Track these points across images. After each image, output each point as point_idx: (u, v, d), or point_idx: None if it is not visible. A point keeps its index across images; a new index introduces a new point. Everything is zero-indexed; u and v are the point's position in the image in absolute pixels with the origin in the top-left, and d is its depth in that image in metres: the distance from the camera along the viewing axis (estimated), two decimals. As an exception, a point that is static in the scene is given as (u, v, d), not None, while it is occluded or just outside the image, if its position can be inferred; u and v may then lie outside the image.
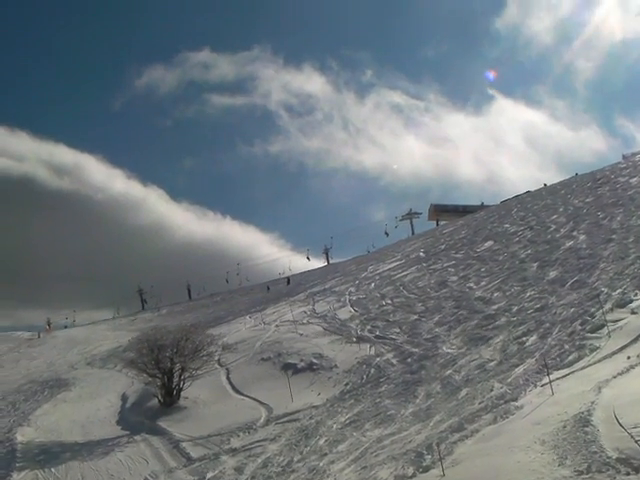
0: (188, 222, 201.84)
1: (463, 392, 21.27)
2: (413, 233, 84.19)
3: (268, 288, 71.07)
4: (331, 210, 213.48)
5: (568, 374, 18.98)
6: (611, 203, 43.85)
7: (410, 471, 14.59)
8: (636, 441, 11.01)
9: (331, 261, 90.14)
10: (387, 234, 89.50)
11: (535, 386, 18.58)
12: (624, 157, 66.12)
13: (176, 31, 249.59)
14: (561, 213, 46.92)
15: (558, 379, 18.53)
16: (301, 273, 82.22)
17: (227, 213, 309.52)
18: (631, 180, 49.31)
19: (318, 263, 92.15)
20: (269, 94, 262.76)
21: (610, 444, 11.39)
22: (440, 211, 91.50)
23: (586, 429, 12.44)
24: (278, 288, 69.28)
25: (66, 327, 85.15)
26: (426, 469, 14.37)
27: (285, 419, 24.52)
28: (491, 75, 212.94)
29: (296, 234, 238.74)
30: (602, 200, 46.08)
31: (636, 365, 17.33)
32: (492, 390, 20.06)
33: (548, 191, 60.80)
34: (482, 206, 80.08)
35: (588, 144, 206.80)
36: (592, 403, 13.97)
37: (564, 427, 13.09)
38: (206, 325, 51.15)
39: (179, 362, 30.45)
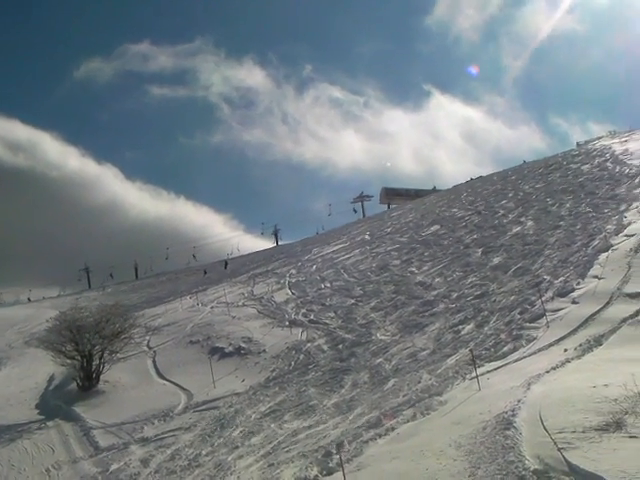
0: (142, 201, 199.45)
1: (390, 383, 20.05)
2: (364, 216, 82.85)
3: (205, 272, 69.35)
4: (277, 197, 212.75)
5: (500, 366, 17.77)
6: (561, 190, 42.94)
7: (313, 473, 13.17)
8: (559, 449, 9.52)
9: (280, 242, 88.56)
10: (329, 215, 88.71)
11: (464, 379, 17.21)
12: (578, 145, 65.32)
13: (116, 24, 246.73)
14: (510, 198, 45.90)
15: (489, 372, 17.35)
16: (249, 254, 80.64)
17: (181, 193, 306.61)
18: (582, 167, 48.48)
19: (268, 244, 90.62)
20: (210, 86, 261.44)
21: (531, 451, 9.96)
22: (392, 195, 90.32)
23: (507, 432, 10.99)
24: (220, 270, 67.63)
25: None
26: (330, 471, 12.97)
27: (204, 407, 23.11)
28: (474, 70, 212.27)
29: (249, 216, 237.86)
30: (552, 186, 45.18)
31: (572, 359, 16.07)
32: (420, 382, 18.81)
33: (499, 176, 59.76)
34: (434, 190, 79.01)
35: (526, 141, 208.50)
36: (518, 401, 12.52)
37: (484, 429, 11.66)
38: (146, 305, 49.95)
39: (99, 344, 28.66)
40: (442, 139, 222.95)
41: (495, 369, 17.52)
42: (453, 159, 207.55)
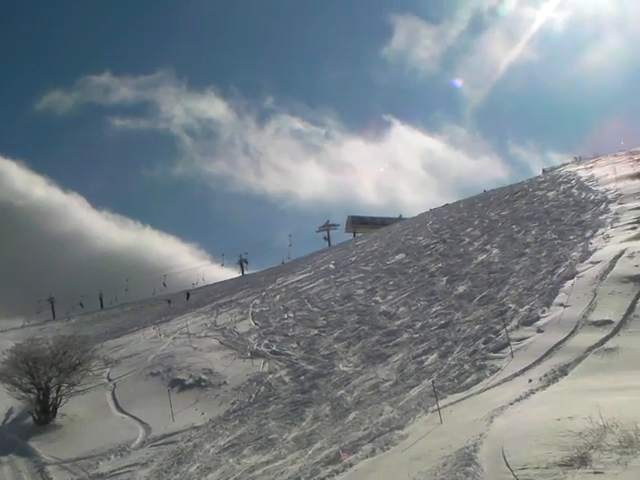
0: (108, 230, 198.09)
1: (351, 416, 19.51)
2: (330, 245, 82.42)
3: (169, 302, 68.63)
4: (241, 228, 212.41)
5: (464, 398, 17.31)
6: (527, 217, 42.57)
7: (268, 513, 12.53)
8: (522, 487, 9.02)
9: (246, 272, 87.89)
10: (290, 245, 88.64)
11: (426, 411, 16.65)
12: (544, 171, 65.33)
13: (77, 55, 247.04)
14: (476, 226, 45.46)
15: (452, 404, 16.87)
16: (214, 284, 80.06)
17: (147, 222, 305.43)
18: (548, 194, 48.20)
19: (234, 274, 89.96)
20: (172, 118, 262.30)
21: (492, 489, 9.41)
22: (357, 223, 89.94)
23: (468, 468, 10.50)
24: (184, 300, 66.92)
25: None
26: (285, 512, 12.33)
27: (162, 441, 22.46)
28: (458, 83, 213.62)
29: (215, 245, 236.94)
30: (518, 213, 44.81)
31: (537, 390, 15.65)
32: (381, 415, 18.32)
33: (465, 203, 59.51)
34: (400, 219, 78.72)
35: (487, 171, 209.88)
36: (481, 435, 12.04)
37: (444, 465, 11.16)
38: (110, 335, 49.18)
39: (56, 377, 27.90)
40: (403, 169, 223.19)
41: (458, 401, 17.06)
42: (415, 189, 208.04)
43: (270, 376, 26.81)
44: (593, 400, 12.95)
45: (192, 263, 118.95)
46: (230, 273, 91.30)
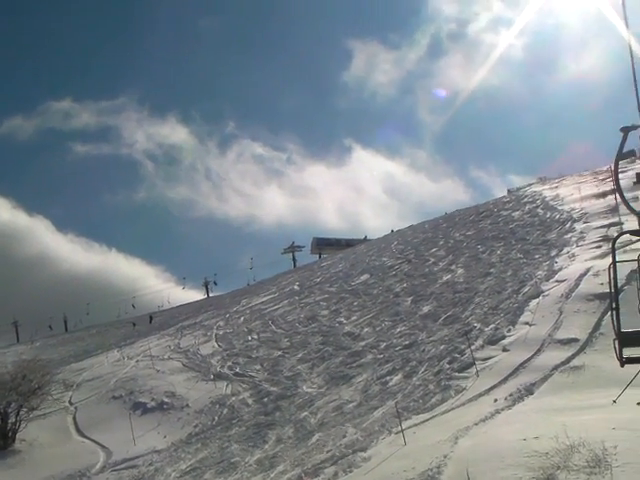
0: (74, 253, 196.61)
1: (315, 438, 19.23)
2: (295, 266, 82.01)
3: (134, 325, 67.97)
4: (206, 251, 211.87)
5: (428, 419, 16.95)
6: (492, 236, 42.37)
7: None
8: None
9: (212, 294, 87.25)
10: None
11: (390, 433, 16.24)
12: (509, 192, 65.41)
13: (38, 81, 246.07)
14: (441, 246, 45.21)
15: (416, 425, 16.50)
16: (180, 306, 79.36)
17: (113, 245, 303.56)
18: (513, 214, 48.07)
19: (199, 296, 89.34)
20: (134, 143, 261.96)
21: (456, 514, 9.04)
22: (322, 245, 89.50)
23: (431, 492, 10.04)
24: (154, 322, 66.28)
25: None
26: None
27: (123, 465, 22.20)
28: (442, 93, 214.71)
29: (181, 268, 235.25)
30: (483, 233, 44.58)
31: (502, 409, 15.31)
32: (345, 436, 17.96)
33: (431, 224, 59.33)
34: (365, 240, 78.46)
35: (450, 195, 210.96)
36: (445, 457, 11.66)
37: (404, 488, 10.70)
38: (73, 359, 48.38)
39: (15, 401, 27.30)
40: (365, 193, 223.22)
41: (422, 422, 16.72)
42: (376, 213, 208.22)
43: (233, 398, 26.51)
44: (559, 419, 12.66)
45: (158, 285, 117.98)
46: (195, 295, 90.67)
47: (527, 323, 23.39)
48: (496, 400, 16.43)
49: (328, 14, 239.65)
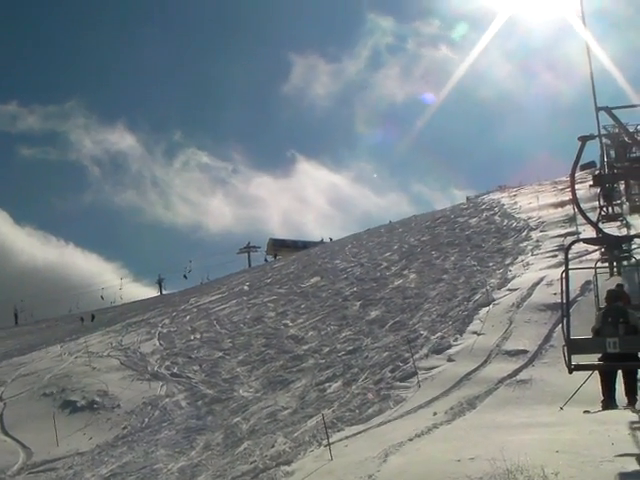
0: (31, 247, 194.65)
1: (243, 446, 17.96)
2: (250, 266, 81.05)
3: (82, 319, 66.37)
4: (156, 254, 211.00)
5: (362, 431, 15.76)
6: (447, 243, 41.75)
7: None
8: None
9: (165, 292, 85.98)
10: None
11: (319, 445, 14.97)
12: (468, 199, 64.94)
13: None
14: (395, 251, 44.42)
15: (348, 437, 15.30)
16: (132, 302, 77.91)
17: (70, 240, 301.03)
18: (470, 220, 47.60)
19: (154, 293, 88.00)
20: (81, 149, 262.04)
21: None
22: (278, 246, 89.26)
23: (348, 518, 8.86)
24: (98, 318, 64.70)
25: None
26: None
27: (42, 467, 20.67)
28: (429, 98, 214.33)
29: (138, 264, 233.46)
30: (438, 239, 43.96)
31: (441, 424, 14.14)
32: (273, 446, 16.74)
33: (387, 229, 58.57)
34: (321, 242, 77.72)
35: (394, 208, 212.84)
36: (369, 477, 10.46)
37: (323, 511, 9.51)
38: (17, 352, 46.62)
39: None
40: (309, 204, 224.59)
41: (355, 434, 15.53)
42: (320, 224, 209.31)
43: (167, 400, 25.20)
44: (500, 438, 11.57)
45: (113, 281, 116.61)
46: (151, 292, 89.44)
47: (475, 332, 22.55)
48: (435, 413, 15.35)
49: (269, 27, 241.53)
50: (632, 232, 31.40)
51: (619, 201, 34.18)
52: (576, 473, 8.96)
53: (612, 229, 30.75)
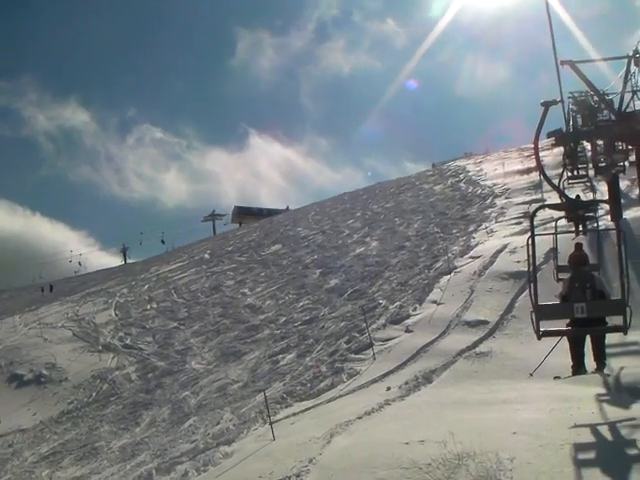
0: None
1: (189, 422, 17.20)
2: (214, 234, 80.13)
3: (42, 290, 65.15)
4: (117, 226, 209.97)
5: (311, 407, 14.87)
6: (411, 210, 41.18)
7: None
8: None
9: (130, 261, 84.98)
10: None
11: (265, 423, 13.98)
12: (433, 165, 64.32)
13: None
14: (358, 218, 43.77)
15: (296, 414, 14.43)
16: (96, 271, 76.67)
17: (37, 210, 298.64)
18: (435, 187, 47.14)
19: (119, 262, 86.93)
20: (35, 125, 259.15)
21: None
22: (244, 214, 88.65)
23: (280, 510, 7.97)
24: (60, 288, 63.46)
25: None
26: None
27: (-20, 446, 19.64)
28: (413, 84, 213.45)
29: (104, 233, 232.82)
30: (402, 206, 43.37)
31: (393, 400, 13.22)
32: (218, 423, 15.90)
33: (351, 196, 57.75)
34: (286, 210, 76.92)
35: (349, 183, 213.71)
36: (310, 462, 9.56)
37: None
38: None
39: None
40: (264, 179, 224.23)
41: (304, 410, 14.63)
42: (274, 198, 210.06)
43: (116, 372, 24.40)
44: (454, 417, 10.75)
45: (80, 250, 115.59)
46: (117, 261, 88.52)
47: (435, 302, 21.60)
48: (389, 388, 14.43)
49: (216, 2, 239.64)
50: (598, 196, 31.09)
51: (584, 165, 34.14)
52: (533, 458, 8.10)
53: (577, 191, 30.49)
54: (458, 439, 8.88)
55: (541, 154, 15.83)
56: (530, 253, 11.43)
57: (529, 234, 11.57)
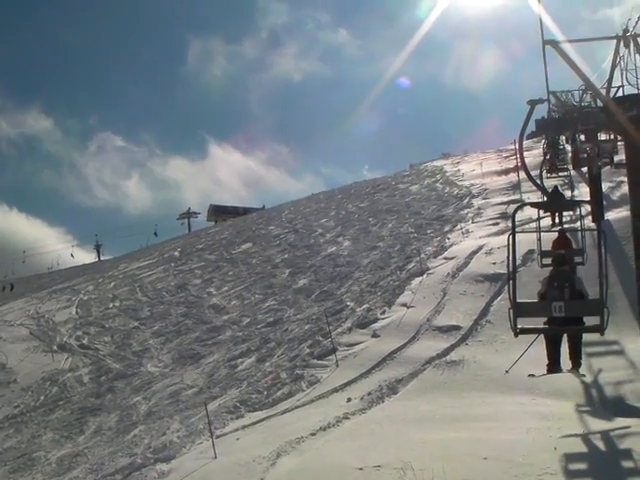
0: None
1: (135, 431, 15.81)
2: (189, 232, 78.97)
3: (12, 286, 63.66)
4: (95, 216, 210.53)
5: (263, 419, 13.61)
6: (386, 209, 40.17)
7: None
8: None
9: (104, 257, 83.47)
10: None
11: (211, 436, 12.66)
12: (411, 166, 63.32)
13: None
14: (332, 217, 42.76)
15: (245, 427, 13.14)
16: (70, 268, 75.22)
17: (14, 205, 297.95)
18: (411, 187, 46.29)
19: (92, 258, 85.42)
20: None
21: None
22: (219, 212, 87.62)
23: None
24: (29, 284, 62.00)
25: None
26: None
27: None
28: (404, 82, 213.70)
29: (80, 231, 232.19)
30: (377, 206, 42.39)
31: (353, 414, 12.03)
32: (164, 434, 14.50)
33: (326, 195, 56.69)
34: (262, 209, 75.85)
35: (310, 190, 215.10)
36: (249, 488, 8.26)
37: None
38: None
39: None
40: (226, 187, 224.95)
41: (255, 423, 13.35)
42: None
43: (69, 374, 22.91)
44: (417, 436, 9.61)
45: (57, 246, 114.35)
46: (93, 258, 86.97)
47: (405, 305, 20.46)
48: (349, 400, 13.24)
49: (166, 8, 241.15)
50: (576, 193, 31.10)
51: (564, 165, 34.60)
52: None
53: (556, 182, 30.13)
54: (419, 465, 7.79)
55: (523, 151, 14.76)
56: (511, 250, 10.97)
57: (510, 232, 11.10)
